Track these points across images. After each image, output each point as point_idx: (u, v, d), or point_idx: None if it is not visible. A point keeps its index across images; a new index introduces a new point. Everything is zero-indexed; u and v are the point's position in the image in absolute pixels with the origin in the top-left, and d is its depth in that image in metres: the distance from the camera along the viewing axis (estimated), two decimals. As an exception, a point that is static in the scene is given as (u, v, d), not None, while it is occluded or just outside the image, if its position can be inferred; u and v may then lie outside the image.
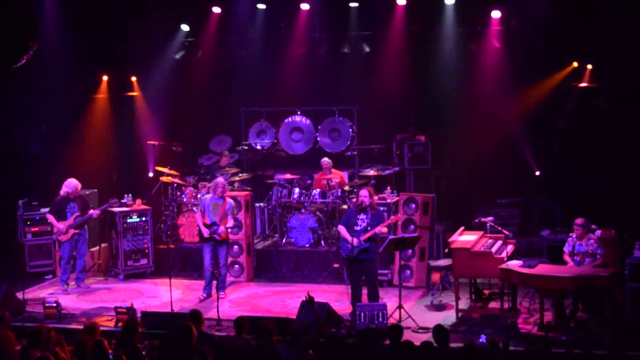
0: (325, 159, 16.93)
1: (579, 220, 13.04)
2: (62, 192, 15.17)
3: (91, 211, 15.31)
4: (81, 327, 11.58)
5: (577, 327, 12.34)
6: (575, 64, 16.39)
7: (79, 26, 16.82)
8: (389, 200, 15.62)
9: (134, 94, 18.41)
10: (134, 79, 18.33)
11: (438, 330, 10.38)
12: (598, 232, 13.20)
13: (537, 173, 16.71)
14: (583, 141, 16.28)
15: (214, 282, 14.26)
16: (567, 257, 13.07)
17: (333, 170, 16.86)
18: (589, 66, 16.28)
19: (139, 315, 12.87)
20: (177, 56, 18.19)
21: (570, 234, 13.18)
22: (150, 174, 17.94)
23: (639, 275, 12.80)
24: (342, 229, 13.31)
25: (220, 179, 14.82)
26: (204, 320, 10.94)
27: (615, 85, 15.85)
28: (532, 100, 16.51)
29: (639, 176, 15.67)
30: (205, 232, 14.38)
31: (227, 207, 14.49)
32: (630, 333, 11.80)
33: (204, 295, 14.48)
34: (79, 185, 15.25)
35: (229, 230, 14.59)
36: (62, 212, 15.15)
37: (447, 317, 13.14)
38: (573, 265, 12.89)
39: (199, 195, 16.52)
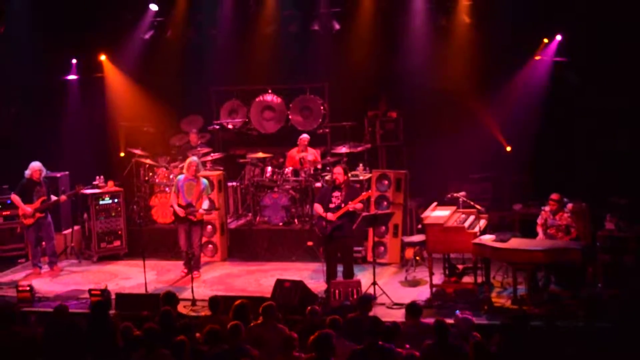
0: (305, 135, 16.86)
1: (554, 196, 13.17)
2: (26, 175, 15.04)
3: (60, 196, 15.22)
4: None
5: (550, 300, 12.43)
6: (545, 40, 16.35)
7: (46, 8, 16.70)
8: (361, 178, 15.66)
9: (104, 75, 18.23)
10: (102, 57, 18.12)
11: (411, 307, 10.49)
12: (569, 205, 13.30)
13: (508, 149, 16.73)
14: (552, 115, 16.24)
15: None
16: (539, 228, 13.20)
17: (309, 148, 16.82)
18: (558, 37, 16.20)
19: (113, 297, 12.87)
20: (146, 36, 17.99)
21: (544, 207, 13.28)
22: (122, 154, 17.79)
23: (610, 247, 12.93)
24: (317, 207, 13.36)
25: (193, 159, 14.73)
26: (179, 300, 11.04)
27: (587, 58, 15.82)
28: (503, 78, 16.49)
29: (610, 148, 15.76)
30: (181, 212, 14.40)
31: (202, 187, 14.47)
32: (601, 305, 11.90)
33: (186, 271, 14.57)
34: (43, 169, 15.09)
35: (204, 212, 14.57)
36: (28, 194, 15.01)
37: (421, 293, 13.25)
38: (545, 238, 13.01)
39: (171, 176, 16.48)
